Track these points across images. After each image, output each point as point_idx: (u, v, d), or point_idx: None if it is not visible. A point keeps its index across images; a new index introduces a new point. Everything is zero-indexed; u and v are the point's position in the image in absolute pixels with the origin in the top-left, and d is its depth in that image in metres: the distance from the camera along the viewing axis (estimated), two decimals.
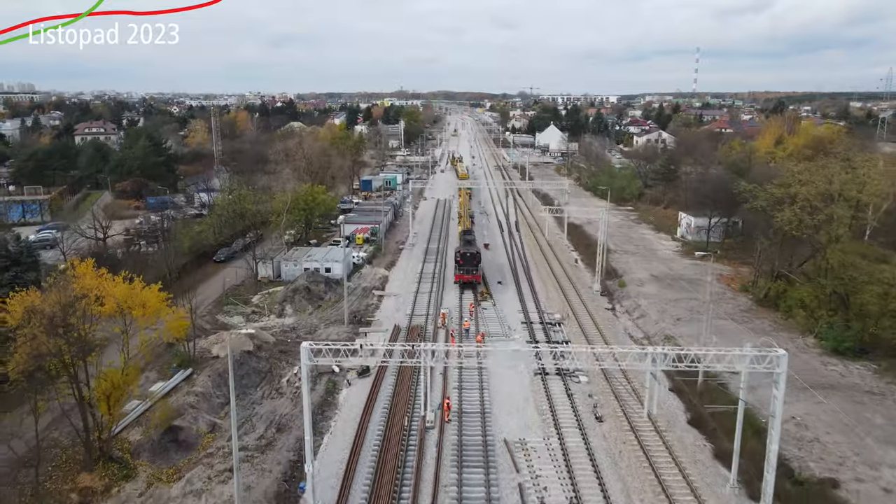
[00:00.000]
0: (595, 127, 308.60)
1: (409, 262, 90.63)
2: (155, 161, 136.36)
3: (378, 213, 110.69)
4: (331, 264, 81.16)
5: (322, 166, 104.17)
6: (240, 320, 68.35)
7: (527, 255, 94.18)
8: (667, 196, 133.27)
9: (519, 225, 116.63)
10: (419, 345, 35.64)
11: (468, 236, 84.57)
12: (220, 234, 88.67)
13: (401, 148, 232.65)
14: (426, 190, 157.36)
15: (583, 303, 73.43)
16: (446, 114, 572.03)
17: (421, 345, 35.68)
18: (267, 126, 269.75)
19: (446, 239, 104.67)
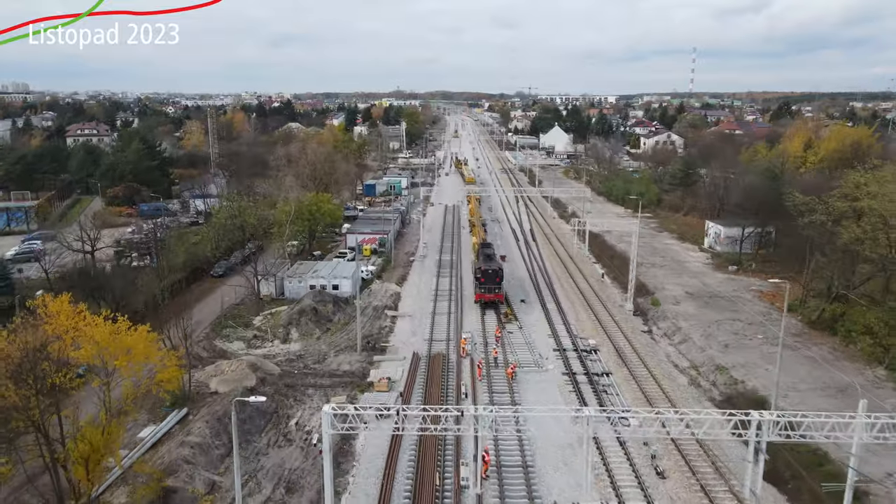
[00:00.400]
0: (599, 128, 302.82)
1: (422, 277, 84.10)
2: (148, 165, 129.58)
3: (385, 222, 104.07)
4: (339, 281, 74.59)
5: (326, 172, 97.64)
6: (240, 346, 61.74)
7: (548, 269, 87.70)
8: (686, 202, 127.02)
9: (535, 234, 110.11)
10: (452, 409, 29.14)
11: (487, 250, 78.07)
12: (217, 246, 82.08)
13: (403, 150, 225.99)
14: (432, 195, 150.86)
15: (616, 325, 67.01)
16: (445, 114, 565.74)
17: (453, 409, 29.17)
18: (264, 127, 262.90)
19: (459, 250, 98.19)
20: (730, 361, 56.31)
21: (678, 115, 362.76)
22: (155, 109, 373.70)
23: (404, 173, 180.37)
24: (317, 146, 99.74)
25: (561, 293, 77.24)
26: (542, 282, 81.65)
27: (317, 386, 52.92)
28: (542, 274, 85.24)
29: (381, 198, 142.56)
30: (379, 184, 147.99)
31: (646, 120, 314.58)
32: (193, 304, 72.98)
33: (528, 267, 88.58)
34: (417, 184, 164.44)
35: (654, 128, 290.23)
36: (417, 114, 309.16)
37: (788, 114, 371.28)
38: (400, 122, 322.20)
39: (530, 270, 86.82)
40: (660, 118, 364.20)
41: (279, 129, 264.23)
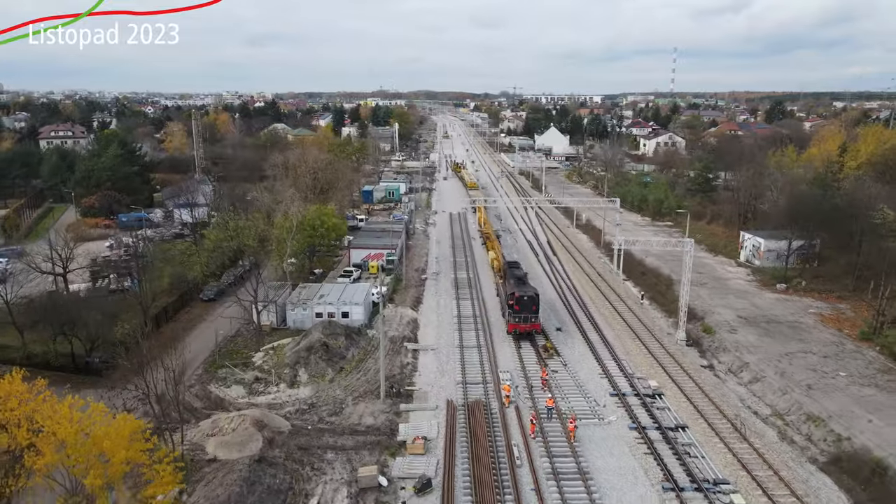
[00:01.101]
0: (593, 129, 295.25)
1: (440, 299, 75.00)
2: (128, 171, 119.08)
3: (391, 235, 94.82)
4: (349, 308, 65.26)
5: (328, 181, 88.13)
6: (240, 392, 52.29)
7: (577, 289, 78.96)
8: (709, 210, 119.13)
9: (553, 246, 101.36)
10: None
11: (516, 271, 69.08)
12: (207, 265, 72.23)
13: (395, 152, 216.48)
14: (433, 201, 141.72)
15: (672, 358, 58.44)
16: (431, 114, 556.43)
17: None
18: (249, 128, 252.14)
19: (474, 265, 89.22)
20: (821, 409, 47.86)
21: (672, 116, 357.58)
22: (133, 110, 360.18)
23: (400, 178, 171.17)
24: (318, 153, 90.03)
25: (600, 319, 68.49)
26: (576, 305, 72.89)
27: (337, 448, 43.64)
28: (572, 295, 76.49)
29: (379, 205, 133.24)
30: (377, 189, 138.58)
31: (641, 120, 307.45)
32: (182, 336, 63.50)
33: (556, 286, 79.80)
34: (416, 189, 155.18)
35: (651, 128, 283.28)
36: (407, 114, 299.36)
37: (781, 114, 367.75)
38: (388, 122, 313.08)
39: (559, 291, 78.04)
40: (653, 118, 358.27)
41: (264, 129, 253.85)
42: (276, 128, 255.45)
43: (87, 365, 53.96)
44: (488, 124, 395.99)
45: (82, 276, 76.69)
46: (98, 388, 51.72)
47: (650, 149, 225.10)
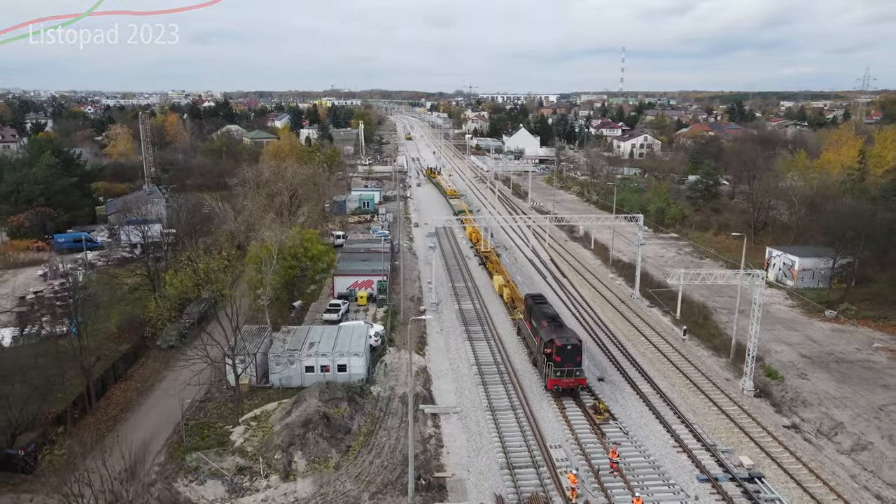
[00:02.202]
0: (560, 129, 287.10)
1: (448, 339, 63.35)
2: (64, 183, 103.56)
3: (378, 256, 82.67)
4: (346, 359, 53.07)
5: (307, 197, 74.90)
6: (218, 491, 39.70)
7: (603, 321, 68.28)
8: (714, 219, 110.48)
9: (558, 265, 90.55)
10: None
11: (545, 307, 57.83)
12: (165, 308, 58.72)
13: (361, 156, 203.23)
14: (412, 212, 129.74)
15: (748, 416, 48.15)
16: (388, 114, 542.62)
17: None
18: (200, 130, 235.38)
19: (477, 292, 77.85)
20: None
21: (638, 116, 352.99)
22: (72, 110, 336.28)
23: (371, 185, 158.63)
24: (297, 166, 76.78)
25: (643, 362, 57.89)
26: (609, 342, 62.19)
27: None
28: (601, 329, 65.78)
29: (353, 217, 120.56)
30: (350, 199, 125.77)
31: (610, 121, 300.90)
32: (136, 403, 50.37)
33: (579, 318, 68.98)
34: (390, 198, 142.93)
35: (621, 129, 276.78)
36: (369, 115, 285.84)
37: (741, 114, 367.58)
38: (350, 123, 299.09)
39: (584, 324, 67.23)
40: (618, 118, 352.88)
41: (217, 131, 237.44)
42: (230, 129, 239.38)
43: (9, 459, 40.53)
44: (451, 125, 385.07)
45: (6, 318, 62.64)
46: (23, 491, 38.72)
47: (625, 150, 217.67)
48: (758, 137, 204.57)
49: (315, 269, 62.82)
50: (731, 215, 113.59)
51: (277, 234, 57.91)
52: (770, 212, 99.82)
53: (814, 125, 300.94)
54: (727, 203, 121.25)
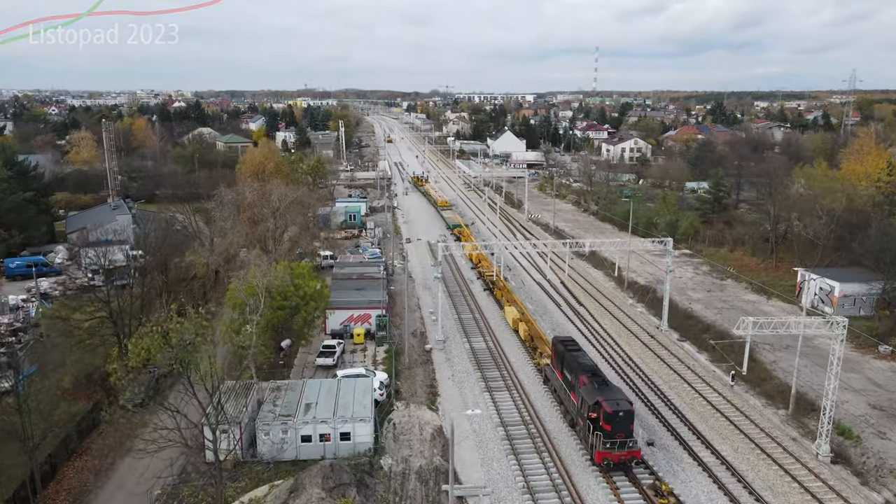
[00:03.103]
0: (544, 132, 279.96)
1: (463, 388, 54.88)
2: (17, 199, 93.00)
3: (372, 283, 73.90)
4: (350, 425, 44.34)
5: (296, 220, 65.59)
6: None
7: (637, 363, 60.28)
8: (727, 234, 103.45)
9: (571, 290, 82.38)
10: None
11: (579, 355, 49.50)
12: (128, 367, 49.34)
13: (342, 161, 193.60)
14: (401, 225, 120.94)
15: (834, 492, 40.46)
16: (364, 115, 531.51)
17: None
18: (171, 133, 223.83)
19: (487, 325, 69.50)
20: None
21: (622, 118, 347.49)
22: (34, 112, 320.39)
23: (355, 194, 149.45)
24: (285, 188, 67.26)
25: (695, 418, 49.92)
26: (650, 392, 54.20)
27: None
28: (636, 374, 57.78)
29: (339, 232, 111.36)
30: (334, 213, 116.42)
31: (596, 122, 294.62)
32: (92, 491, 41.10)
33: (608, 359, 60.93)
34: (376, 208, 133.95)
35: (606, 131, 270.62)
36: (348, 116, 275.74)
37: (723, 114, 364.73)
38: (327, 125, 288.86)
39: (615, 367, 59.19)
40: (599, 119, 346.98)
41: (188, 135, 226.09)
42: (203, 133, 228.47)
43: None
44: (431, 127, 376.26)
45: None
46: None
47: (615, 155, 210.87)
48: (747, 141, 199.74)
49: (308, 309, 53.82)
50: (743, 229, 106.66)
51: (264, 272, 48.81)
52: (790, 227, 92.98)
53: (795, 126, 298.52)
54: (736, 214, 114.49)
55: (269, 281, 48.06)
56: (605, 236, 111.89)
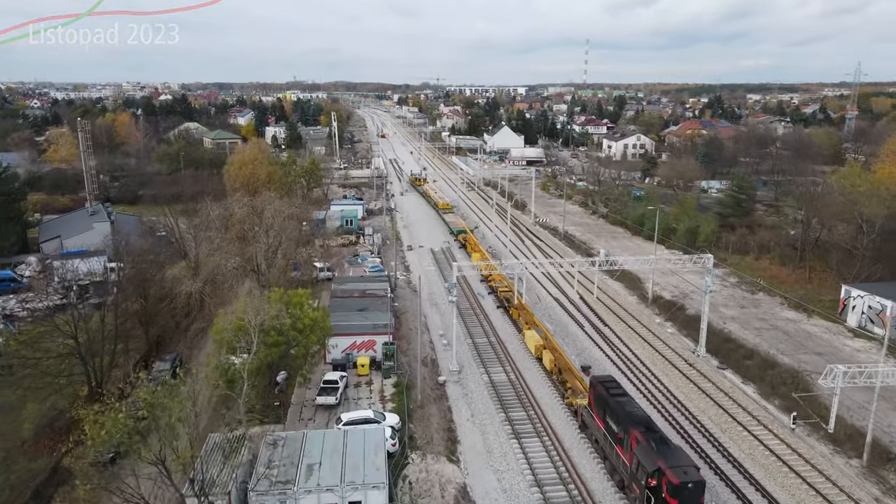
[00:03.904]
0: (541, 126, 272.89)
1: (486, 432, 47.88)
2: None
3: (375, 302, 66.70)
4: (361, 493, 37.28)
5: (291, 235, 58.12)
6: None
7: (679, 399, 53.41)
8: (751, 240, 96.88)
9: (593, 307, 75.35)
10: None
11: (625, 401, 42.55)
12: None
13: (336, 159, 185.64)
14: (401, 229, 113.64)
15: None
16: (355, 108, 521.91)
17: None
18: (156, 129, 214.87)
19: (504, 349, 62.56)
20: None
21: (620, 112, 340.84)
22: (15, 106, 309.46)
23: (350, 195, 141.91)
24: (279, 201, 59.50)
25: (761, 473, 42.97)
26: (702, 438, 47.34)
27: None
28: (681, 413, 50.92)
29: (335, 238, 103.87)
30: (330, 217, 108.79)
31: (595, 117, 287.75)
32: None
33: (647, 394, 54.05)
34: (373, 211, 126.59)
35: (606, 126, 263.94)
36: (340, 110, 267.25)
37: (721, 108, 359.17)
38: (317, 120, 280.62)
39: (656, 404, 52.33)
40: (596, 113, 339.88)
41: (174, 130, 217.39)
42: (189, 128, 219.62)
43: None
44: (424, 121, 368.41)
45: None
46: None
47: (617, 151, 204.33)
48: (753, 137, 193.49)
49: (308, 343, 46.63)
50: (767, 234, 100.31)
51: (256, 309, 41.53)
52: (823, 235, 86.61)
53: (795, 121, 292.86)
54: (757, 218, 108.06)
55: (262, 319, 40.77)
56: (617, 241, 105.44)
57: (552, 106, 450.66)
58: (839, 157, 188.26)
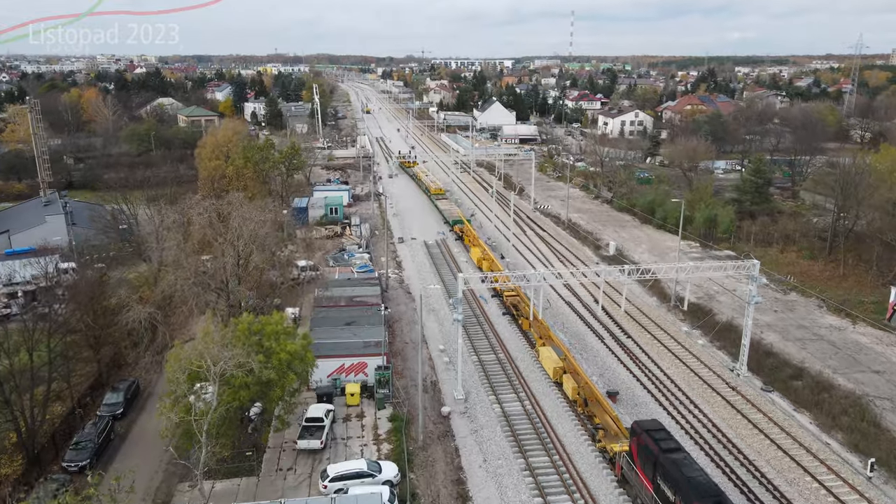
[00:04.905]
0: (532, 102, 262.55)
1: (503, 486, 39.52)
2: None
3: (365, 314, 57.95)
4: None
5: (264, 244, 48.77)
6: None
7: (726, 433, 45.32)
8: (772, 230, 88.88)
9: (610, 313, 66.73)
10: None
11: (680, 460, 34.33)
12: None
13: (318, 138, 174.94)
14: (391, 218, 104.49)
15: None
16: (338, 81, 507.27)
17: None
18: (127, 105, 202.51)
19: (514, 367, 54.13)
20: None
21: (612, 86, 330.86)
22: None
23: (335, 178, 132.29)
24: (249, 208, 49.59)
25: None
26: (761, 491, 39.36)
27: None
28: (731, 453, 42.83)
29: (319, 229, 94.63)
30: (313, 205, 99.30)
31: (588, 92, 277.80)
32: None
33: (687, 427, 45.94)
34: (360, 197, 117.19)
35: (599, 102, 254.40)
36: (323, 84, 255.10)
37: (714, 82, 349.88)
38: (299, 96, 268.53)
39: (701, 442, 44.23)
40: (589, 87, 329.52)
41: (147, 106, 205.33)
42: (163, 104, 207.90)
43: None
44: (410, 95, 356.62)
45: None
46: None
47: (614, 129, 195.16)
48: (753, 113, 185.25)
49: (286, 384, 37.88)
50: (789, 222, 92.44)
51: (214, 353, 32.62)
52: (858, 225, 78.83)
53: (791, 95, 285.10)
54: (778, 205, 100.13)
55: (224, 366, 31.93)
56: (626, 231, 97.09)
57: (540, 80, 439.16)
58: (844, 134, 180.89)
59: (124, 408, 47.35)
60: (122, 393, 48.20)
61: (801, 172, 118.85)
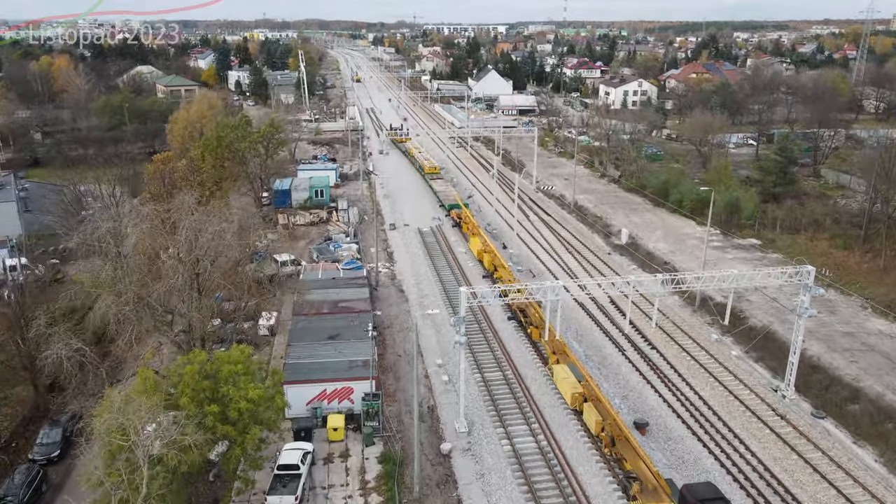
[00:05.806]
0: (528, 70, 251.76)
1: None
2: None
3: (351, 324, 50.25)
4: None
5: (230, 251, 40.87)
6: None
7: (784, 482, 38.13)
8: (800, 214, 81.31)
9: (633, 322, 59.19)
10: None
11: None
12: None
13: (305, 109, 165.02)
14: (380, 198, 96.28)
15: None
16: (327, 48, 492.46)
17: None
18: (102, 74, 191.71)
19: (524, 390, 46.67)
20: None
21: (612, 52, 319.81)
22: None
23: (321, 155, 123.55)
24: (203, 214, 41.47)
25: None
26: None
27: None
28: None
29: (304, 211, 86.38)
30: (296, 185, 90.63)
31: (588, 60, 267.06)
32: None
33: (729, 466, 38.73)
34: (348, 176, 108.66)
35: (599, 70, 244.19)
36: (310, 51, 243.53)
37: (715, 48, 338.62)
38: (285, 64, 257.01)
39: (747, 486, 37.05)
40: (587, 54, 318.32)
41: (124, 75, 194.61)
42: (141, 73, 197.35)
43: None
44: (402, 63, 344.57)
45: None
46: None
47: (616, 99, 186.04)
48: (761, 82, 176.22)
49: (249, 440, 30.30)
50: (816, 205, 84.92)
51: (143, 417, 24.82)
52: None
53: (796, 62, 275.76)
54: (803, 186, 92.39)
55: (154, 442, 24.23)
56: (638, 216, 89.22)
57: (536, 46, 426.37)
58: (857, 105, 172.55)
59: (62, 448, 39.67)
60: (61, 429, 40.52)
61: (822, 148, 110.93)
